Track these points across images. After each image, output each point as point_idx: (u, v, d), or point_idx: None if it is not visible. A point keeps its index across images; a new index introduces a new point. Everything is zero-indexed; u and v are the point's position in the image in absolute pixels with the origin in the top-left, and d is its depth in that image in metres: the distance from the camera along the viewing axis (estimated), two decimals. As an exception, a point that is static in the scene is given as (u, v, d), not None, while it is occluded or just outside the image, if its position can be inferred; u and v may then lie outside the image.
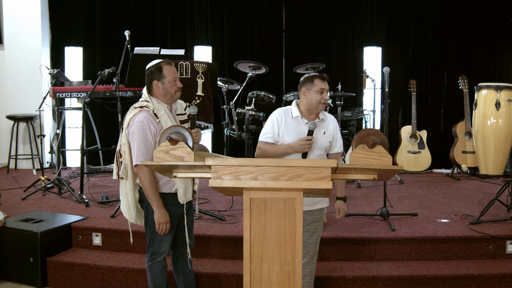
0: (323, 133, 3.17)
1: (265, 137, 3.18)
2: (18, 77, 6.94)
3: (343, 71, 7.03)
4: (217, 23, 7.18)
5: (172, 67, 3.13)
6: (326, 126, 3.20)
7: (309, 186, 2.20)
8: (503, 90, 4.53)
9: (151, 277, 3.25)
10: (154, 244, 3.20)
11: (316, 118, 3.19)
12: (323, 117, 3.22)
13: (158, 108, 3.07)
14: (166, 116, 3.06)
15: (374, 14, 7.05)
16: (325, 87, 3.19)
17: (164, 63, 3.13)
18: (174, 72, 3.13)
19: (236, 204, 4.81)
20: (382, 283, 3.70)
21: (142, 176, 3.02)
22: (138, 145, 3.00)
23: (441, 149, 6.79)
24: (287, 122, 3.17)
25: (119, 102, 4.95)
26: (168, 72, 3.09)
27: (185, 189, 3.14)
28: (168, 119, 3.05)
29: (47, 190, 5.41)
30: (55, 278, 3.99)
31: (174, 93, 3.12)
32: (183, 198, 3.13)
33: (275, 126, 3.16)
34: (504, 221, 4.31)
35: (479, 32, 6.94)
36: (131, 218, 3.23)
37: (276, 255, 2.27)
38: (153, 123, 3.01)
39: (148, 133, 3.00)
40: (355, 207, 4.87)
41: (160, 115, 3.05)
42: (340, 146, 3.27)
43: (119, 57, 5.14)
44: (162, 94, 3.11)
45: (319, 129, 3.15)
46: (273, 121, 3.18)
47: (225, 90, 5.97)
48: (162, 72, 3.09)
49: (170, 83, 3.09)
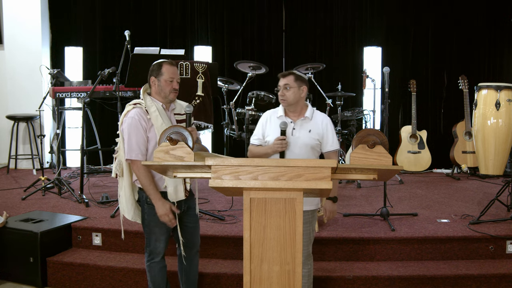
0: (308, 131, 3.16)
1: (253, 139, 3.26)
2: (18, 77, 6.94)
3: (343, 71, 7.03)
4: (217, 23, 7.18)
5: (172, 68, 3.14)
6: (312, 125, 3.19)
7: (309, 186, 2.20)
8: (503, 90, 4.53)
9: (150, 277, 3.26)
10: (150, 244, 3.21)
11: (300, 117, 3.19)
12: (309, 116, 3.20)
13: (150, 105, 3.09)
14: (157, 113, 3.06)
15: (374, 14, 7.05)
16: (280, 84, 3.18)
17: (166, 62, 3.15)
18: (173, 72, 3.13)
19: (236, 204, 4.81)
20: (382, 283, 3.70)
21: (136, 171, 3.05)
22: (129, 140, 3.04)
23: (441, 149, 6.79)
24: (272, 122, 3.22)
25: (119, 102, 4.95)
26: (166, 71, 3.10)
27: (176, 187, 3.12)
28: (159, 117, 3.05)
29: (47, 190, 5.41)
30: (55, 278, 3.99)
31: (169, 93, 3.12)
32: (173, 196, 3.12)
33: (260, 129, 3.24)
34: (504, 221, 4.31)
35: (479, 32, 6.94)
36: (128, 214, 3.24)
37: (276, 255, 2.27)
38: (144, 119, 3.04)
39: (140, 128, 3.03)
40: (355, 207, 4.87)
41: (150, 111, 3.06)
42: (332, 144, 3.22)
43: (119, 57, 5.14)
44: (157, 91, 3.14)
45: (302, 127, 3.15)
46: (259, 124, 3.26)
47: (225, 90, 5.97)
48: (161, 70, 3.11)
49: (166, 82, 3.10)
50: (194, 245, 3.35)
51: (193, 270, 3.40)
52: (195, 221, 3.33)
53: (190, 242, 3.32)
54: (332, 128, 3.25)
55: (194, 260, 3.38)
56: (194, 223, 3.33)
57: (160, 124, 3.03)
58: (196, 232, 3.35)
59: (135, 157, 3.02)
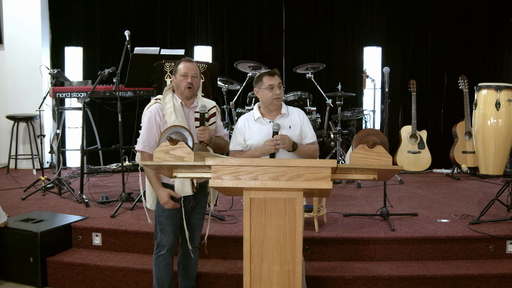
0: (288, 127, 3.18)
1: (233, 146, 3.27)
2: (18, 77, 6.94)
3: (343, 71, 7.03)
4: (217, 23, 7.18)
5: (187, 64, 3.21)
6: (290, 121, 3.21)
7: (309, 186, 2.20)
8: (503, 90, 4.53)
9: (155, 272, 3.30)
10: (157, 236, 3.28)
11: (278, 115, 3.20)
12: (286, 112, 3.22)
13: (167, 102, 3.18)
14: (171, 110, 3.14)
15: (374, 14, 7.05)
16: (274, 83, 3.17)
17: (183, 60, 3.26)
18: (187, 68, 3.19)
19: (236, 204, 4.81)
20: (382, 283, 3.70)
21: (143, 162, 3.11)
22: (142, 133, 3.19)
23: (441, 149, 6.79)
24: (250, 125, 3.22)
25: (119, 102, 4.95)
26: (181, 67, 3.20)
27: (182, 181, 3.17)
28: (173, 113, 3.12)
29: (47, 190, 5.41)
30: (55, 278, 3.99)
31: (184, 89, 3.19)
32: (180, 191, 3.17)
33: (240, 134, 3.24)
34: (504, 221, 4.30)
35: (479, 32, 6.94)
36: (148, 203, 3.35)
37: (276, 255, 2.27)
38: (160, 115, 3.17)
39: (153, 123, 3.15)
40: (355, 207, 4.87)
41: (166, 108, 3.16)
42: (312, 135, 3.25)
43: (119, 57, 5.14)
44: (176, 88, 3.24)
45: (283, 124, 3.17)
46: (237, 130, 3.27)
47: (225, 90, 5.97)
48: (178, 67, 3.23)
49: (180, 77, 3.19)
50: (195, 241, 3.39)
51: (193, 265, 3.44)
52: (199, 219, 3.37)
53: (192, 237, 3.35)
54: (308, 120, 3.29)
55: (194, 256, 3.40)
56: (198, 221, 3.37)
57: (173, 121, 3.10)
58: (198, 229, 3.40)
59: (142, 148, 3.16)
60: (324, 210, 4.28)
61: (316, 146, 3.26)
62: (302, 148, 3.16)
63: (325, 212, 4.31)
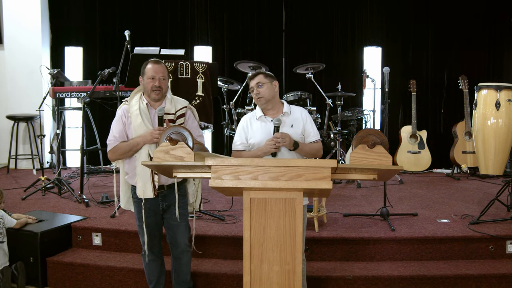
0: (290, 126, 3.17)
1: (235, 146, 3.26)
2: (18, 77, 6.94)
3: (343, 71, 7.03)
4: (217, 23, 7.18)
5: (154, 66, 3.17)
6: (292, 119, 3.20)
7: (309, 186, 2.20)
8: (503, 90, 4.53)
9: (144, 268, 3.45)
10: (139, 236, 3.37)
11: (279, 113, 3.20)
12: (288, 111, 3.22)
13: (133, 104, 3.19)
14: (137, 112, 3.15)
15: (374, 14, 7.05)
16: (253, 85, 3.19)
17: (150, 61, 3.22)
18: (154, 70, 3.15)
19: (236, 204, 4.81)
20: (382, 283, 3.70)
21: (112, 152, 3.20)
22: (111, 129, 3.23)
23: (441, 149, 6.79)
24: (253, 124, 3.22)
25: (119, 102, 4.95)
26: (148, 70, 3.17)
27: (144, 184, 3.15)
28: (139, 116, 3.13)
29: (47, 190, 5.41)
30: (55, 278, 3.99)
31: (150, 92, 3.16)
32: (140, 192, 3.17)
33: (242, 133, 3.23)
34: (504, 221, 4.30)
35: (479, 32, 6.94)
36: (121, 203, 3.39)
37: (276, 255, 2.27)
38: (126, 116, 3.19)
39: (120, 122, 3.20)
40: (355, 207, 4.87)
41: (132, 110, 3.17)
42: (315, 134, 3.23)
43: (119, 57, 5.14)
44: (144, 90, 3.22)
45: (284, 124, 3.16)
46: (239, 129, 3.26)
47: (225, 90, 5.97)
48: (145, 69, 3.19)
49: (148, 79, 3.16)
50: (179, 244, 3.34)
51: (183, 270, 3.41)
52: (181, 219, 3.30)
53: (174, 240, 3.34)
54: (311, 119, 3.28)
55: (183, 260, 3.38)
56: (179, 222, 3.29)
57: (139, 123, 3.12)
58: (179, 230, 3.32)
59: (108, 141, 3.21)
60: (324, 210, 4.28)
61: (320, 145, 3.25)
62: (304, 147, 3.14)
63: (325, 212, 4.31)
